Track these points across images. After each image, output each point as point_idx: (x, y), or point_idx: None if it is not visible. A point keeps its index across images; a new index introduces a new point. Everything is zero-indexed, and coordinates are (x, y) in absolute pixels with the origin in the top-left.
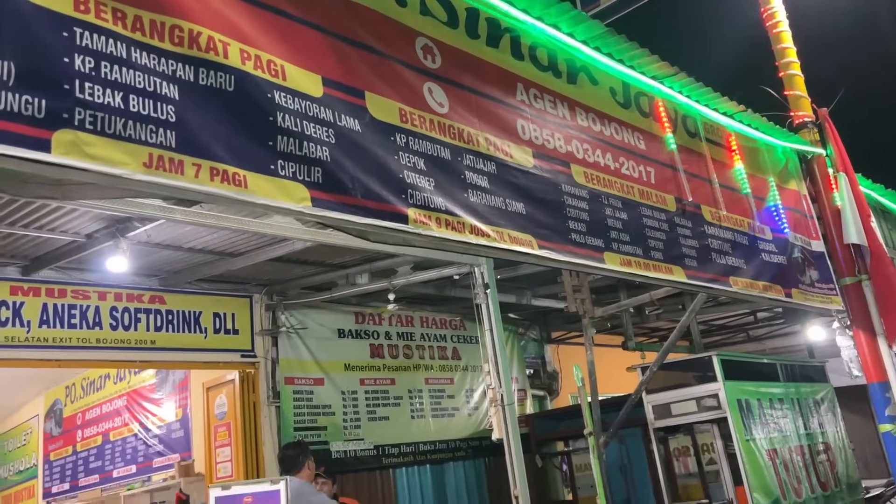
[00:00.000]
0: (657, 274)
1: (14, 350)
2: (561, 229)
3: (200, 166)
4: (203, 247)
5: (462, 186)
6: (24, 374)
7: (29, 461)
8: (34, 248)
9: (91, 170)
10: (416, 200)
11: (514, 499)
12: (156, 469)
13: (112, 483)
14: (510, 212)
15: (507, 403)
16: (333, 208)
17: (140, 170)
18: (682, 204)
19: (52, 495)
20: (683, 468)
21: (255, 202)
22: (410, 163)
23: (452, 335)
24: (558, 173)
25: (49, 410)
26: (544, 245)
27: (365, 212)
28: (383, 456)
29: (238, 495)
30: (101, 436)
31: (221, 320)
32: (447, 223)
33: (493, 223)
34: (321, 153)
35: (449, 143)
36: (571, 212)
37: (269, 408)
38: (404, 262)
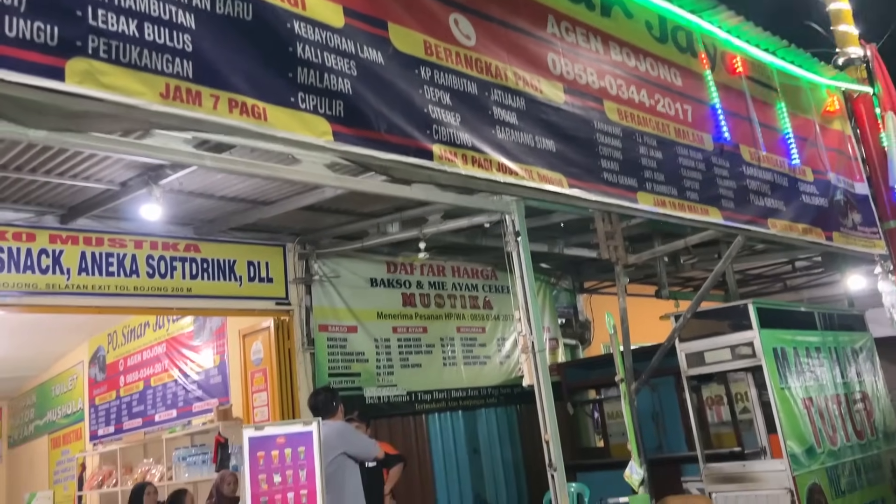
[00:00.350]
0: (692, 215)
1: (55, 297)
2: (592, 168)
3: (218, 97)
4: (235, 195)
5: (489, 122)
6: (69, 322)
7: (75, 405)
8: (71, 197)
9: (106, 99)
10: (441, 136)
11: (545, 444)
12: (195, 413)
13: (154, 426)
14: (539, 149)
15: (537, 350)
16: (355, 143)
17: (157, 100)
18: (720, 143)
19: (98, 438)
20: (716, 417)
21: (275, 135)
22: (435, 97)
23: (484, 285)
24: (590, 110)
25: (93, 357)
26: (575, 184)
27: (388, 147)
28: (416, 402)
29: (271, 436)
30: (142, 381)
31: (255, 269)
32: (474, 160)
33: (521, 161)
34: (343, 86)
35: (476, 78)
36: (604, 150)
37: (303, 354)
38: (435, 210)
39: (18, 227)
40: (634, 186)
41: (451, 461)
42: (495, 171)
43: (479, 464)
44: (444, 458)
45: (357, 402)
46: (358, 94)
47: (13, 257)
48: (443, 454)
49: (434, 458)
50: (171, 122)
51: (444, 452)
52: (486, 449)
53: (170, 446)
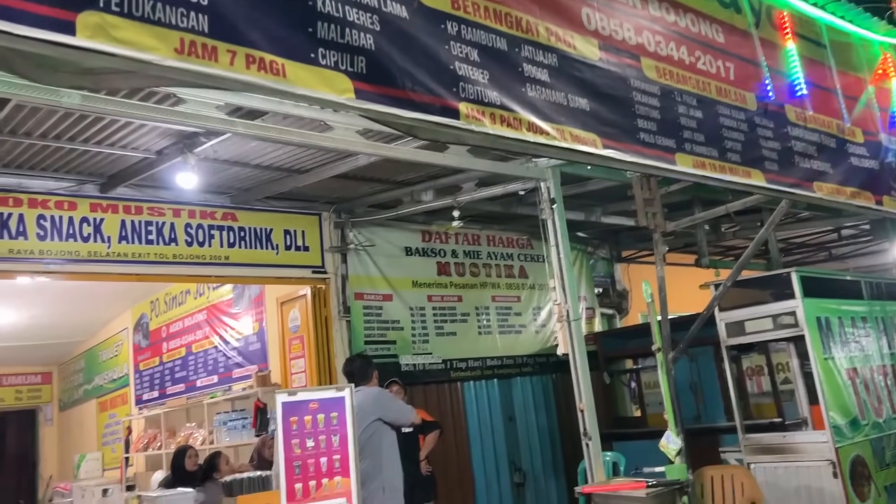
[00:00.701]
0: (733, 177)
1: (97, 265)
2: (628, 128)
3: (235, 53)
4: (270, 163)
5: (519, 80)
6: (113, 289)
7: (121, 370)
8: (109, 166)
9: (119, 54)
10: (468, 94)
11: (580, 413)
12: (235, 379)
13: (196, 392)
14: (572, 108)
15: (572, 319)
16: (378, 101)
17: (171, 56)
18: (764, 102)
19: (143, 402)
20: (756, 387)
21: (293, 92)
22: (462, 53)
23: (519, 254)
24: (627, 67)
25: (137, 324)
26: (609, 144)
27: (412, 105)
28: (451, 370)
29: (304, 401)
30: (184, 348)
31: (292, 237)
32: (502, 119)
33: (552, 120)
34: (365, 41)
35: (505, 33)
36: (641, 109)
37: (340, 322)
38: (469, 178)
39: (60, 195)
40: (672, 147)
41: (487, 428)
42: (525, 130)
43: (514, 431)
44: (479, 426)
45: (392, 369)
46: (381, 50)
47: (56, 225)
48: (478, 421)
49: (469, 425)
50: (185, 79)
51: (479, 420)
52: (521, 417)
53: (211, 411)
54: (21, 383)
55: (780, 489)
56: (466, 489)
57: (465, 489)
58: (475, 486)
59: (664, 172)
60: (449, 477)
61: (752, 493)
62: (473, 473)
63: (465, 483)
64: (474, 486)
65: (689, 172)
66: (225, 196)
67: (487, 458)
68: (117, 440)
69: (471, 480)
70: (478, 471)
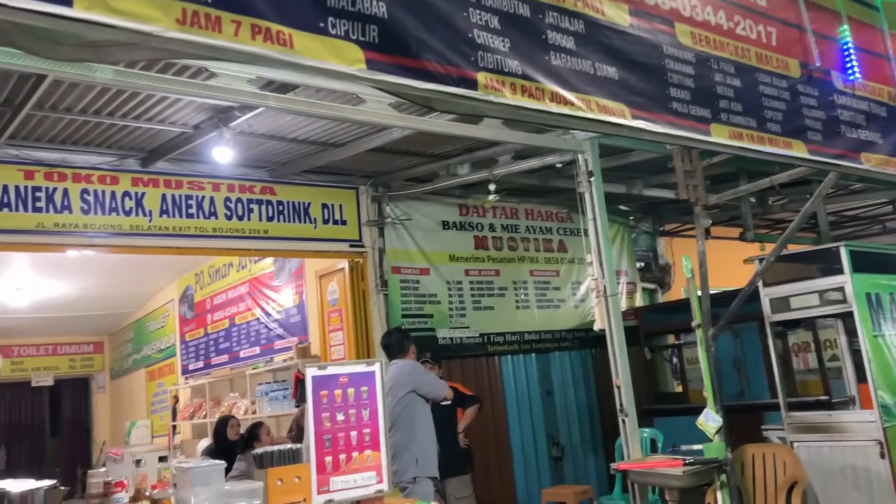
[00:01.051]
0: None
1: (139, 238)
2: (660, 97)
3: (240, 23)
4: (306, 137)
5: (543, 48)
6: (159, 262)
7: (168, 341)
8: (149, 140)
9: (119, 26)
10: (487, 63)
11: (616, 389)
12: (277, 351)
13: (239, 362)
14: (600, 77)
15: (609, 294)
16: (391, 71)
17: (173, 27)
18: (809, 69)
19: (189, 372)
20: (803, 364)
21: (301, 63)
22: (482, 21)
23: (558, 227)
24: (660, 33)
25: (182, 296)
26: (639, 115)
27: (427, 76)
28: (488, 344)
29: (334, 375)
30: (228, 319)
31: (330, 211)
32: (524, 89)
33: (578, 90)
34: (377, 9)
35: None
36: (674, 77)
37: (377, 295)
38: (505, 151)
39: (103, 170)
40: (707, 117)
41: (524, 402)
42: (548, 101)
43: (552, 406)
44: (517, 400)
45: (430, 342)
46: (394, 18)
47: (99, 199)
48: (516, 395)
49: (507, 398)
50: (189, 51)
51: (517, 394)
52: (559, 391)
53: (253, 381)
54: (74, 352)
55: (823, 469)
56: (504, 463)
57: (502, 463)
58: (513, 460)
59: (698, 144)
60: (487, 450)
61: (794, 473)
62: (511, 447)
63: (503, 457)
64: (512, 459)
65: (724, 144)
66: (263, 170)
67: (525, 432)
68: (165, 408)
69: (508, 454)
70: (515, 445)
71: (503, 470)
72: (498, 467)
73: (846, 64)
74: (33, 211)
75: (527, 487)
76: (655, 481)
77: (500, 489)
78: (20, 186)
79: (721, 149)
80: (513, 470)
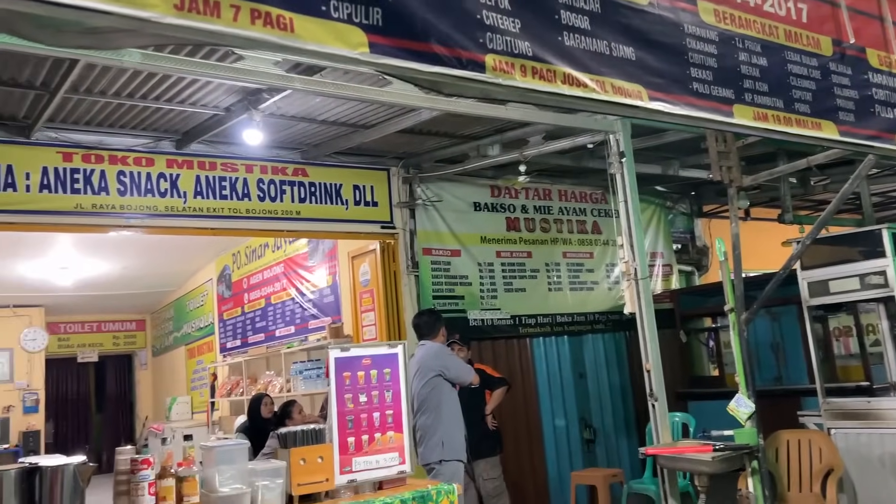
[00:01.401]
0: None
1: (174, 219)
2: (680, 77)
3: (239, 8)
4: (336, 119)
5: (555, 28)
6: (197, 242)
7: (207, 319)
8: (182, 123)
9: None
10: (496, 45)
11: (646, 373)
12: (311, 330)
13: (275, 341)
14: (615, 57)
15: (640, 277)
16: (395, 55)
17: (171, 12)
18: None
19: (227, 350)
20: (843, 349)
21: (302, 48)
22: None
23: (593, 209)
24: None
25: (220, 275)
26: (657, 96)
27: (433, 59)
28: (520, 326)
29: (357, 357)
30: (264, 299)
31: (361, 192)
32: (534, 71)
33: (592, 71)
34: None
35: None
36: (695, 57)
37: (408, 277)
38: (535, 131)
39: (138, 152)
40: (730, 98)
41: (556, 385)
42: (560, 83)
43: (584, 388)
44: (548, 382)
45: (461, 324)
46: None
47: (135, 181)
48: (547, 377)
49: (538, 381)
50: (188, 36)
51: (548, 376)
52: (592, 374)
53: (288, 360)
54: (118, 330)
55: (860, 456)
56: (535, 445)
57: (533, 445)
58: (544, 442)
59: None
60: (518, 432)
61: (830, 460)
62: (542, 429)
63: (534, 439)
64: (543, 441)
65: (747, 125)
66: (296, 152)
67: (557, 414)
68: (204, 385)
69: (540, 436)
70: (547, 427)
71: (534, 452)
72: (529, 449)
73: (883, 38)
74: (72, 192)
75: (558, 470)
76: (684, 466)
77: (532, 471)
78: (59, 168)
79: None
80: (544, 452)
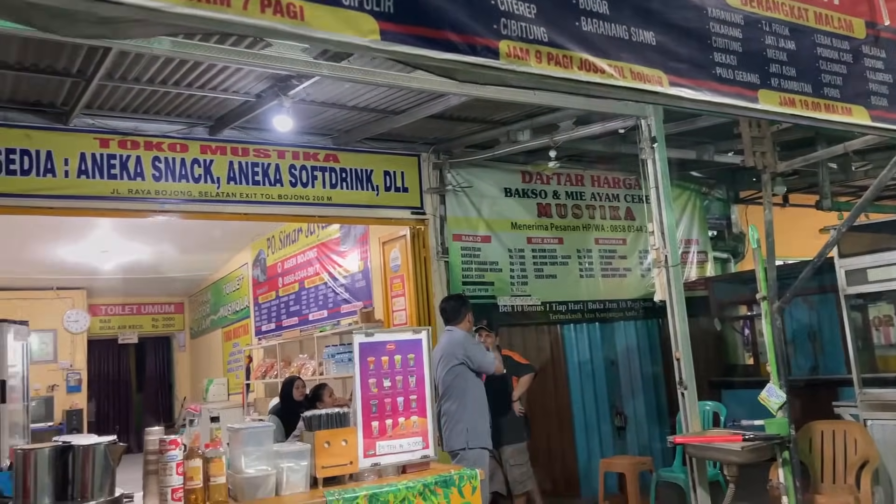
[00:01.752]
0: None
1: (208, 204)
2: (702, 62)
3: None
4: (366, 105)
5: (573, 13)
6: (232, 227)
7: (242, 303)
8: (215, 109)
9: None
10: (510, 31)
11: (676, 361)
12: (343, 314)
13: (308, 325)
14: (635, 42)
15: (671, 265)
16: (406, 42)
17: (181, 2)
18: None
19: (262, 333)
20: (884, 338)
21: (312, 36)
22: None
23: (626, 195)
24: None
25: (255, 260)
26: (677, 82)
27: (445, 46)
28: (550, 312)
29: (381, 342)
30: (297, 283)
31: (392, 178)
32: (550, 57)
33: (610, 57)
34: None
35: None
36: (719, 41)
37: (438, 262)
38: (566, 116)
39: (173, 138)
40: (755, 83)
41: (587, 372)
42: (576, 69)
43: (616, 376)
44: (579, 369)
45: (491, 310)
46: None
47: (169, 166)
48: (578, 364)
49: (569, 367)
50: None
51: (579, 363)
52: (623, 361)
53: (320, 344)
54: (157, 312)
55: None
56: (565, 431)
57: (564, 431)
58: (574, 429)
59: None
60: (548, 419)
61: (865, 451)
62: (573, 416)
63: (565, 425)
64: (573, 428)
65: (772, 111)
66: (327, 138)
67: (588, 401)
68: (240, 367)
69: (570, 423)
70: (577, 413)
71: (564, 439)
72: (559, 436)
73: None
74: (108, 178)
75: (588, 456)
76: (713, 456)
77: (561, 457)
78: (96, 154)
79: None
80: (574, 439)
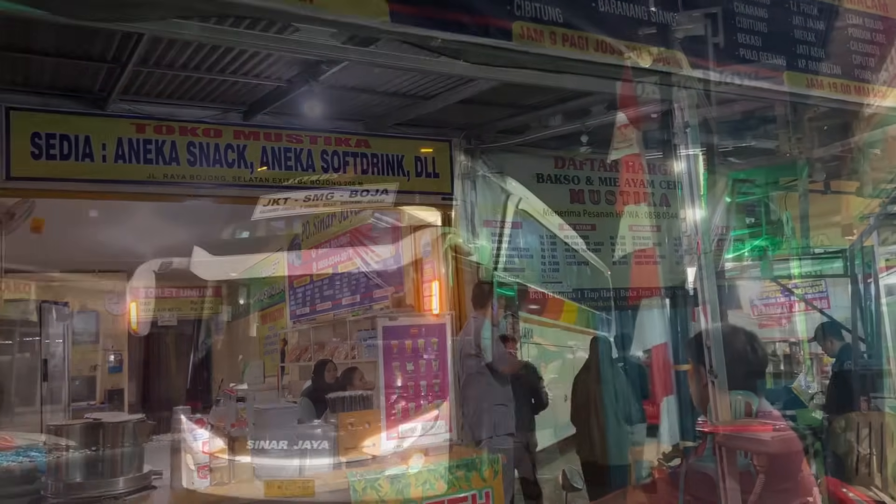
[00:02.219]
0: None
1: (241, 189)
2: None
3: None
4: (396, 90)
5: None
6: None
7: (278, 287)
8: (248, 94)
9: None
10: (524, 12)
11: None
12: (375, 299)
13: (341, 309)
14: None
15: (703, 252)
16: (416, 23)
17: None
18: None
19: (296, 317)
20: None
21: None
22: None
23: (661, 181)
24: None
25: (290, 244)
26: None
27: (456, 27)
28: (582, 300)
29: (404, 326)
30: (331, 268)
31: (422, 164)
32: (564, 38)
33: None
34: None
35: None
36: (742, 22)
37: (468, 248)
38: (597, 101)
39: (207, 123)
40: (781, 65)
41: (619, 359)
42: (592, 50)
43: (647, 364)
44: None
45: (521, 297)
46: None
47: (203, 152)
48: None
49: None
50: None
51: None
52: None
53: (353, 328)
54: (196, 296)
55: None
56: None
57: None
58: (606, 416)
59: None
60: (577, 405)
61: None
62: (604, 403)
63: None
64: (605, 415)
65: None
66: (358, 123)
67: (619, 389)
68: (275, 350)
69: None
70: (608, 402)
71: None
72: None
73: None
74: (144, 162)
75: (618, 444)
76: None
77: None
78: (133, 139)
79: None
80: (605, 426)
